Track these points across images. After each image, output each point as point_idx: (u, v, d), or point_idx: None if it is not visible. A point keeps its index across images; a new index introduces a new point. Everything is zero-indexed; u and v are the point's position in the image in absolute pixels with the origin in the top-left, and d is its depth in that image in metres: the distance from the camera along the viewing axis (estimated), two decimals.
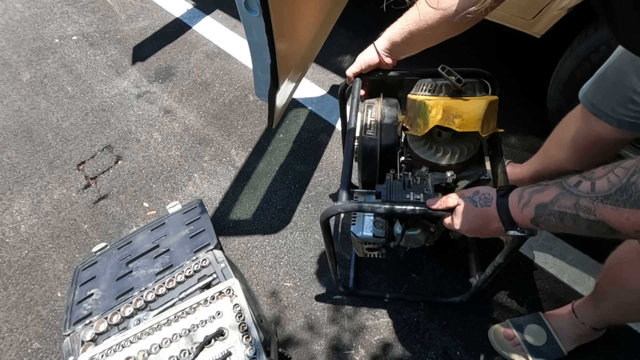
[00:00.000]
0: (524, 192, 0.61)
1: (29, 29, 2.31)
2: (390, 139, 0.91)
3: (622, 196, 0.47)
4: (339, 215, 1.39)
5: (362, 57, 0.97)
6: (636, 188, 0.46)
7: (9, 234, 1.45)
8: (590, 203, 0.50)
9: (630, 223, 0.47)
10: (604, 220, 0.50)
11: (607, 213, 0.49)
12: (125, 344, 0.79)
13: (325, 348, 1.13)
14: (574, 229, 0.54)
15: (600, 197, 0.49)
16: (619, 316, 0.88)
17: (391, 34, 0.89)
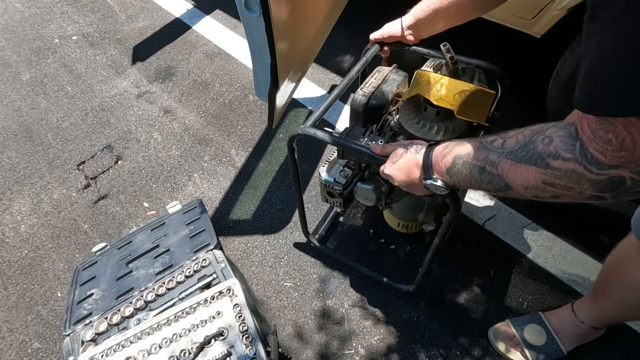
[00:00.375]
0: (448, 144, 0.64)
1: (29, 29, 2.30)
2: (379, 101, 0.94)
3: (521, 152, 0.51)
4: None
5: (387, 26, 0.99)
6: (534, 146, 0.49)
7: (9, 234, 1.45)
8: (496, 157, 0.54)
9: (521, 178, 0.51)
10: (502, 174, 0.53)
11: (507, 167, 0.52)
12: (125, 344, 0.79)
13: (325, 348, 1.13)
14: (477, 182, 0.58)
15: (506, 152, 0.53)
16: (618, 314, 0.89)
17: (417, 11, 0.90)
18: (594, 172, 0.43)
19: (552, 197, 0.50)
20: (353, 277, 1.24)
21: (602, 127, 0.40)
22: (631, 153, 0.40)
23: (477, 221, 1.32)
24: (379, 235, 1.33)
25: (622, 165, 0.41)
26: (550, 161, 0.47)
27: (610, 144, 0.40)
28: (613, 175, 0.42)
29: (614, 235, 0.81)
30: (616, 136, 0.40)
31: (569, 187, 0.47)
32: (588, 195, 0.46)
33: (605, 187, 0.44)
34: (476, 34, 1.78)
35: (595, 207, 1.31)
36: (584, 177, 0.45)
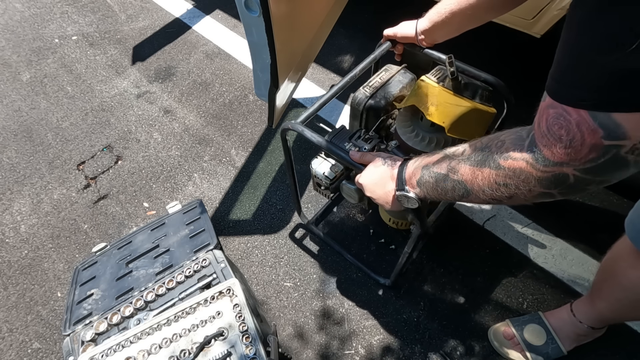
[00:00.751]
0: (420, 157, 0.66)
1: (29, 29, 2.30)
2: (378, 103, 0.93)
3: (477, 157, 0.53)
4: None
5: (402, 26, 0.98)
6: (489, 149, 0.52)
7: (9, 234, 1.45)
8: (456, 164, 0.56)
9: (477, 182, 0.53)
10: (462, 180, 0.55)
11: (465, 172, 0.55)
12: (125, 344, 0.79)
13: (326, 348, 1.13)
14: (443, 190, 0.60)
15: (465, 158, 0.56)
16: (614, 314, 0.89)
17: (433, 14, 0.89)
18: (540, 169, 0.45)
19: (507, 198, 0.52)
20: (353, 277, 1.25)
21: (557, 122, 0.41)
22: (577, 151, 0.41)
23: (477, 221, 1.32)
24: (379, 235, 1.33)
25: (566, 163, 0.42)
26: (501, 162, 0.49)
27: (560, 140, 0.42)
28: (557, 172, 0.44)
29: (613, 236, 0.81)
30: (567, 132, 0.41)
31: (519, 186, 0.49)
32: (537, 192, 0.48)
33: (551, 183, 0.46)
34: (476, 34, 1.77)
35: (595, 207, 1.31)
36: (531, 174, 0.46)
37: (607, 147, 0.39)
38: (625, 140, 0.37)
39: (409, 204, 0.68)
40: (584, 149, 0.40)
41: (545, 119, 0.43)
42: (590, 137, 0.39)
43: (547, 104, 0.43)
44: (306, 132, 0.87)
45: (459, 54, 0.96)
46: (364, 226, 1.35)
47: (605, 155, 0.39)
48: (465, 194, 0.57)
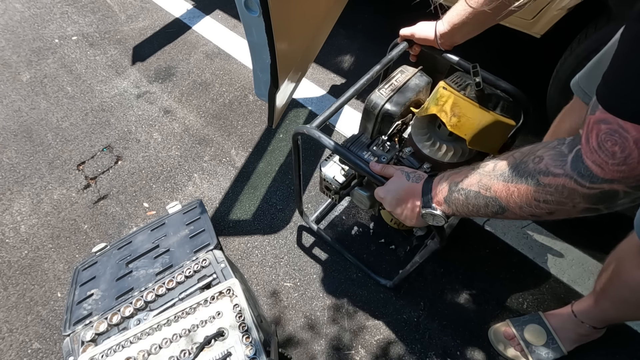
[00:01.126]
0: (445, 173, 0.64)
1: (29, 29, 2.30)
2: (395, 106, 0.89)
3: (512, 173, 0.52)
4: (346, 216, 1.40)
5: (420, 27, 0.94)
6: (525, 165, 0.50)
7: (9, 234, 1.45)
8: (488, 180, 0.55)
9: (514, 198, 0.52)
10: (496, 196, 0.54)
11: (499, 189, 0.53)
12: (125, 344, 0.79)
13: (325, 348, 1.13)
14: (475, 207, 0.58)
15: (498, 174, 0.54)
16: (618, 314, 0.89)
17: (452, 15, 0.86)
18: (587, 186, 0.44)
19: (547, 214, 0.51)
20: (353, 277, 1.24)
21: (610, 138, 0.40)
22: (633, 168, 0.39)
23: (477, 221, 1.32)
24: (379, 235, 1.33)
25: (618, 180, 0.41)
26: (540, 178, 0.48)
27: (614, 157, 0.40)
28: (607, 189, 0.43)
29: (614, 235, 0.81)
30: (622, 149, 0.39)
31: (562, 202, 0.47)
32: (582, 208, 0.47)
33: (598, 200, 0.44)
34: (486, 39, 1.77)
35: None
36: (576, 191, 0.45)
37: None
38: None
39: (435, 222, 0.66)
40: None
41: (596, 135, 0.41)
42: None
43: (599, 118, 0.41)
44: (323, 138, 0.83)
45: (459, 54, 0.96)
46: (364, 226, 1.35)
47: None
48: (500, 210, 0.55)
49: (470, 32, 0.88)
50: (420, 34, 0.94)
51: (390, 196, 0.72)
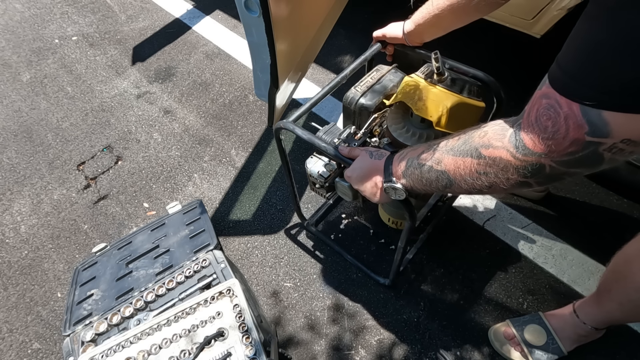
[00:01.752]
0: (405, 150, 0.67)
1: (29, 30, 2.31)
2: (369, 101, 0.95)
3: (460, 147, 0.54)
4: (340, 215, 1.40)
5: (390, 27, 1.00)
6: (471, 139, 0.53)
7: (9, 235, 1.45)
8: (440, 155, 0.58)
9: (459, 171, 0.54)
10: (445, 169, 0.57)
11: (448, 162, 0.56)
12: (125, 345, 0.79)
13: (326, 348, 1.13)
14: (428, 181, 0.61)
15: (448, 149, 0.57)
16: (623, 315, 0.88)
17: (417, 18, 0.91)
18: (519, 157, 0.46)
19: (487, 187, 0.53)
20: (353, 277, 1.24)
21: (546, 113, 0.42)
22: (558, 143, 0.42)
23: (477, 221, 1.32)
24: (379, 235, 1.33)
25: (545, 154, 0.43)
26: (482, 150, 0.51)
27: (545, 131, 0.42)
28: (535, 161, 0.45)
29: (614, 235, 0.81)
30: (553, 124, 0.41)
31: (498, 175, 0.50)
32: (515, 181, 0.49)
33: (528, 172, 0.47)
34: (476, 34, 1.78)
35: (595, 207, 1.31)
36: (510, 163, 0.48)
37: (588, 142, 0.40)
38: (607, 138, 0.38)
39: (397, 196, 0.69)
40: (565, 142, 0.41)
41: (537, 109, 0.44)
42: (575, 132, 0.40)
43: (543, 93, 0.43)
44: (297, 130, 0.89)
45: (459, 54, 0.96)
46: (364, 226, 1.35)
47: (584, 150, 0.40)
48: (448, 184, 0.58)
49: (436, 33, 0.92)
50: (390, 34, 0.99)
51: (356, 174, 0.76)
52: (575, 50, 0.40)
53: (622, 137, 0.38)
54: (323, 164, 0.96)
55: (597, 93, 0.37)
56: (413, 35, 0.95)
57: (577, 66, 0.39)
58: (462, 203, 1.36)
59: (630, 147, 0.38)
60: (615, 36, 0.35)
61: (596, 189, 1.35)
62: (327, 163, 0.96)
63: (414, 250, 1.25)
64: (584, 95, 0.38)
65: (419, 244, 1.26)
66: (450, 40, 0.88)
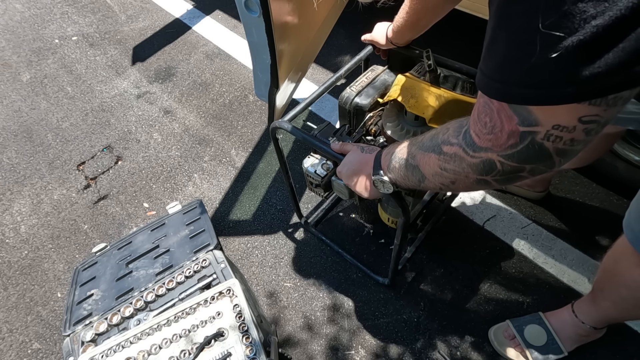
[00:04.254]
0: (393, 144, 0.68)
1: (29, 30, 2.31)
2: (364, 100, 0.96)
3: (428, 143, 0.56)
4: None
5: (376, 30, 1.02)
6: (437, 136, 0.54)
7: (9, 235, 1.45)
8: (415, 149, 0.59)
9: (428, 167, 0.56)
10: (417, 165, 0.58)
11: (420, 158, 0.57)
12: (125, 345, 0.79)
13: (326, 348, 1.13)
14: (406, 176, 0.62)
15: (420, 144, 0.58)
16: (618, 313, 0.89)
17: (395, 25, 0.93)
18: (470, 154, 0.48)
19: (451, 184, 0.55)
20: (353, 277, 1.24)
21: (484, 110, 0.44)
22: (498, 137, 0.43)
23: (477, 221, 1.32)
24: (379, 235, 1.33)
25: (490, 148, 0.45)
26: (443, 147, 0.52)
27: (485, 126, 0.44)
28: (484, 158, 0.46)
29: (614, 235, 0.81)
30: (490, 119, 0.43)
31: (457, 172, 0.51)
32: (473, 178, 0.50)
33: (481, 170, 0.48)
34: (476, 34, 1.78)
35: (595, 207, 1.31)
36: (464, 160, 0.49)
37: (522, 133, 0.40)
38: (538, 126, 0.39)
39: (385, 189, 0.70)
40: (504, 134, 0.42)
41: (477, 107, 0.45)
42: (508, 124, 0.41)
43: (480, 93, 0.45)
44: (292, 129, 0.91)
45: (459, 54, 0.96)
46: (364, 226, 1.35)
47: (523, 141, 0.41)
48: (421, 179, 0.59)
49: (417, 32, 0.93)
50: (375, 38, 1.02)
51: (347, 168, 0.77)
52: (484, 48, 0.41)
53: (551, 123, 0.38)
54: (319, 163, 0.97)
55: (505, 87, 0.38)
56: (396, 38, 0.96)
57: (484, 63, 0.41)
58: (461, 203, 1.37)
59: (565, 133, 0.38)
60: (504, 30, 0.36)
61: (596, 189, 1.35)
62: (323, 162, 0.97)
63: (413, 250, 1.25)
64: (497, 90, 0.39)
65: (417, 242, 1.26)
66: (450, 39, 0.88)
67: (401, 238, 0.92)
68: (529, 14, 0.33)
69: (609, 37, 0.29)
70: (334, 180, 0.94)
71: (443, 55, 0.95)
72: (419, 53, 0.98)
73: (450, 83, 0.89)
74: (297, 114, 0.96)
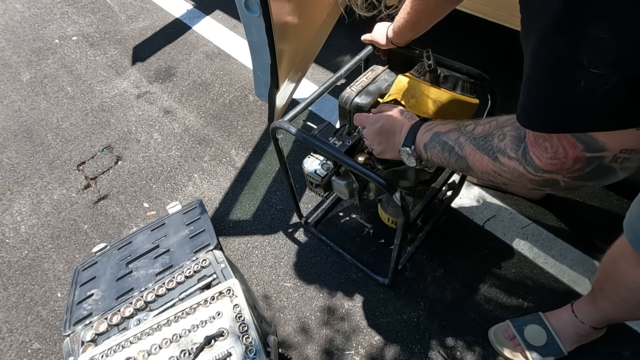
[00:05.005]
0: (434, 122, 0.68)
1: (29, 30, 2.31)
2: (365, 100, 0.96)
3: (481, 142, 0.55)
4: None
5: (376, 30, 1.01)
6: (491, 138, 0.54)
7: (9, 235, 1.45)
8: (464, 140, 0.59)
9: (478, 164, 0.57)
10: (465, 157, 0.58)
11: (469, 152, 0.58)
12: (125, 345, 0.79)
13: (325, 348, 1.13)
14: (446, 160, 0.63)
15: (472, 138, 0.58)
16: (617, 313, 0.89)
17: (395, 25, 0.92)
18: (532, 173, 0.48)
19: (503, 185, 0.55)
20: (353, 277, 1.24)
21: (541, 135, 0.44)
22: (562, 162, 0.43)
23: (477, 221, 1.32)
24: (379, 235, 1.33)
25: (555, 172, 0.45)
26: (499, 156, 0.52)
27: (546, 151, 0.44)
28: (547, 178, 0.46)
29: (614, 236, 0.81)
30: (551, 145, 0.43)
31: (514, 180, 0.52)
32: (530, 187, 0.51)
33: (543, 185, 0.49)
34: (476, 34, 1.78)
35: (595, 207, 1.31)
36: (524, 175, 0.49)
37: (590, 158, 0.40)
38: (605, 152, 0.39)
39: (408, 161, 0.71)
40: (569, 161, 0.42)
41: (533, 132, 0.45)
42: (573, 151, 0.41)
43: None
44: (292, 129, 0.91)
45: (459, 54, 0.96)
46: (364, 227, 1.35)
47: (590, 165, 0.41)
48: (466, 169, 0.60)
49: (417, 32, 0.93)
50: (375, 38, 1.02)
51: (382, 122, 0.76)
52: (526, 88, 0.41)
53: (620, 148, 0.38)
54: (320, 163, 0.97)
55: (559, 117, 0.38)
56: (396, 39, 0.96)
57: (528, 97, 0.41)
58: (462, 203, 1.37)
59: (634, 155, 0.39)
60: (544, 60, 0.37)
61: (596, 189, 1.35)
62: (323, 162, 0.97)
63: (413, 250, 1.25)
64: (549, 122, 0.40)
65: (417, 242, 1.26)
66: (450, 39, 0.88)
67: (401, 238, 0.92)
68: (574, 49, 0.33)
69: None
70: (335, 180, 0.94)
71: (443, 55, 0.94)
72: (419, 53, 0.98)
73: (450, 83, 0.89)
74: (297, 114, 0.96)
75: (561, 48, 0.35)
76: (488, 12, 1.34)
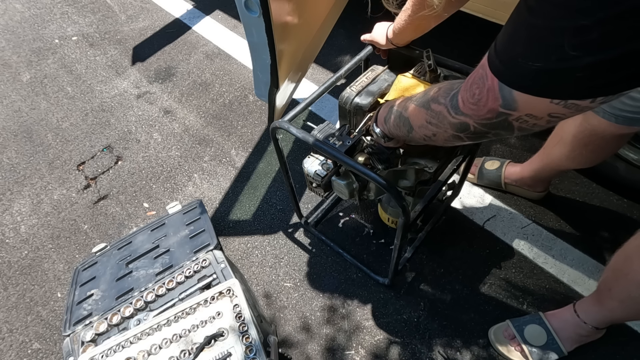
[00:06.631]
0: (394, 99, 0.75)
1: (29, 30, 2.31)
2: (365, 100, 0.97)
3: (421, 98, 0.63)
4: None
5: (375, 31, 1.03)
6: (429, 92, 0.61)
7: (9, 235, 1.45)
8: (409, 103, 0.66)
9: (416, 119, 0.64)
10: (408, 117, 0.66)
11: (411, 110, 0.65)
12: (125, 345, 0.79)
13: (325, 348, 1.13)
14: (398, 126, 0.71)
15: (415, 99, 0.65)
16: (624, 313, 0.88)
17: (396, 26, 0.94)
18: (452, 114, 0.55)
19: (432, 135, 0.62)
20: (353, 277, 1.24)
21: (477, 82, 0.49)
22: (479, 109, 0.50)
23: (477, 221, 1.32)
24: (379, 235, 1.33)
25: (469, 115, 0.52)
26: (431, 104, 0.60)
27: (473, 97, 0.50)
28: (462, 120, 0.54)
29: (614, 235, 0.81)
30: (479, 92, 0.49)
31: (439, 126, 0.59)
32: (450, 134, 0.58)
33: (458, 129, 0.56)
34: (476, 34, 1.78)
35: (595, 207, 1.31)
36: (446, 118, 0.57)
37: (500, 113, 0.48)
38: (515, 111, 0.46)
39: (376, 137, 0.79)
40: (484, 109, 0.49)
41: (473, 76, 0.50)
42: (492, 103, 0.47)
43: (482, 62, 0.49)
44: (292, 129, 0.91)
45: (459, 54, 0.96)
46: (364, 227, 1.35)
47: (498, 118, 0.49)
48: (410, 129, 0.67)
49: (417, 33, 0.94)
50: (375, 39, 1.03)
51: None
52: (504, 31, 0.45)
53: (526, 111, 0.45)
54: (319, 163, 0.97)
55: (510, 73, 0.44)
56: (396, 39, 0.97)
57: (502, 46, 0.45)
58: (462, 203, 1.37)
59: (532, 119, 0.46)
60: (526, 28, 0.41)
61: (596, 189, 1.35)
62: (323, 162, 0.97)
63: (413, 250, 1.25)
64: (502, 73, 0.45)
65: (417, 242, 1.26)
66: (450, 39, 0.88)
67: (401, 238, 0.92)
68: (558, 30, 0.37)
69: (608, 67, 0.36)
70: (335, 180, 0.94)
71: (443, 55, 0.95)
72: (419, 53, 0.98)
73: None
74: (297, 114, 0.96)
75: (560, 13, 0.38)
76: (488, 12, 1.34)
